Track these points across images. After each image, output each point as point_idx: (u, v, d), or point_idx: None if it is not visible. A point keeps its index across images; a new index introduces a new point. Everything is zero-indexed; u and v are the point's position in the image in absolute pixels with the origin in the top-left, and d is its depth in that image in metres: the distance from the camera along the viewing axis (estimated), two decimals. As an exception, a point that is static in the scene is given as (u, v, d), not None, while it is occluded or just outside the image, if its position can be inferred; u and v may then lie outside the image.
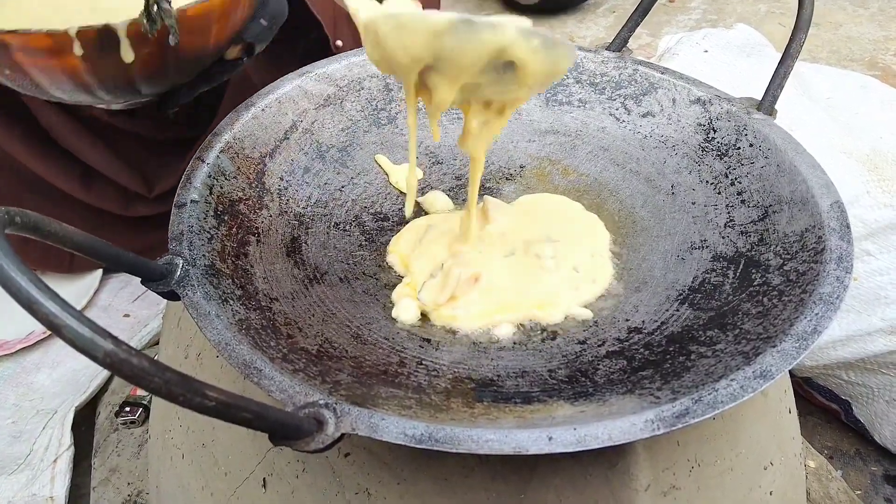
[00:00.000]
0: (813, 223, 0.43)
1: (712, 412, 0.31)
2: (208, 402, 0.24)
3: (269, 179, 0.51)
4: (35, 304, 0.22)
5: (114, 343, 0.22)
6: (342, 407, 0.30)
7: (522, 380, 0.39)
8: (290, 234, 0.49)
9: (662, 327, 0.43)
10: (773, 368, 0.33)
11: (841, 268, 0.39)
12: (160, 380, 0.23)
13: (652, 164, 0.56)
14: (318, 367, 0.37)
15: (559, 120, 0.61)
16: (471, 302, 0.45)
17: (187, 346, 0.54)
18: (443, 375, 0.39)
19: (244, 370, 0.33)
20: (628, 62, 0.60)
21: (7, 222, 0.26)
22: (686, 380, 0.35)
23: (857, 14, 1.87)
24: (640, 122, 0.58)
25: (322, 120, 0.57)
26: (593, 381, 0.39)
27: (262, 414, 0.26)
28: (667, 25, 1.89)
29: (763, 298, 0.41)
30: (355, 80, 0.59)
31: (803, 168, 0.47)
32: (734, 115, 0.53)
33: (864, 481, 0.84)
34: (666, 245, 0.50)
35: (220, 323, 0.36)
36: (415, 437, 0.30)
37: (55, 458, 0.72)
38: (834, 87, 0.88)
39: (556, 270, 0.47)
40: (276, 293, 0.43)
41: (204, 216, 0.44)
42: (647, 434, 0.30)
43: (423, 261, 0.48)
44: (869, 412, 0.83)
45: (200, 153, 0.47)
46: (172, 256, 0.39)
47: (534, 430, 0.30)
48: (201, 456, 0.48)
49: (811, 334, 0.35)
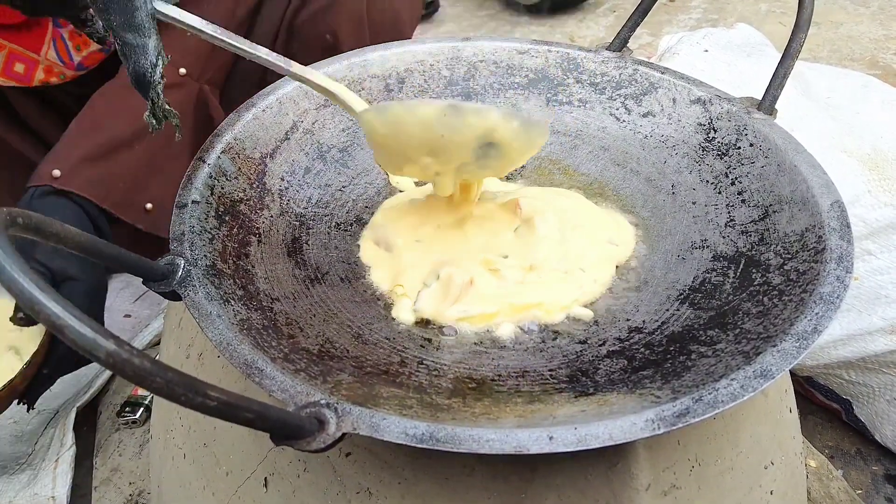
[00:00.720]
0: (813, 223, 0.43)
1: (713, 412, 0.31)
2: (210, 402, 0.24)
3: (270, 180, 0.51)
4: (38, 305, 0.22)
5: (116, 343, 0.22)
6: (343, 407, 0.31)
7: (523, 379, 0.39)
8: (291, 234, 0.50)
9: (663, 327, 0.43)
10: (773, 368, 0.33)
11: (841, 267, 0.39)
12: (162, 380, 0.23)
13: (652, 163, 0.56)
14: (319, 366, 0.37)
15: (560, 120, 0.61)
16: (474, 302, 0.45)
17: (189, 346, 0.54)
18: (444, 375, 0.40)
19: (246, 370, 0.33)
20: (628, 62, 0.60)
21: (9, 223, 0.26)
22: (686, 379, 0.36)
23: (857, 13, 1.87)
24: (640, 122, 0.58)
25: (323, 120, 0.57)
26: (594, 380, 0.39)
27: (264, 414, 0.26)
28: (667, 25, 1.89)
29: (763, 298, 0.41)
30: (356, 80, 0.59)
31: (803, 168, 0.47)
32: (734, 115, 0.53)
33: (865, 481, 0.84)
34: (666, 244, 0.50)
35: (222, 323, 0.36)
36: (416, 437, 0.30)
37: (57, 457, 0.72)
38: (834, 87, 0.88)
39: (562, 272, 0.48)
40: (277, 293, 0.43)
41: (205, 217, 0.44)
42: (648, 433, 0.30)
43: (413, 272, 0.47)
44: (870, 411, 0.83)
45: (201, 154, 0.48)
46: (174, 257, 0.39)
47: (534, 429, 0.30)
48: (203, 455, 0.48)
49: (811, 334, 0.35)
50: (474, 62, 0.62)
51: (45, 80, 0.77)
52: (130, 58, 0.43)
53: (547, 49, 0.61)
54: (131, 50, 0.43)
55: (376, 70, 0.60)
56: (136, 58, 0.43)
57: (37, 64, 0.75)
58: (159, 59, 0.44)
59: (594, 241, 0.50)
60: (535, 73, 0.62)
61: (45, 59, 0.75)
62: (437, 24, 1.96)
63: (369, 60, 0.60)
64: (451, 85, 0.61)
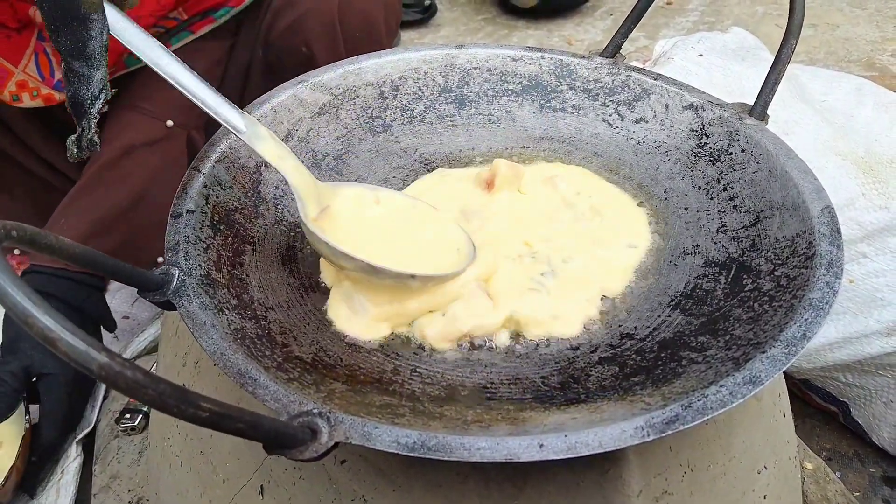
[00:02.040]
0: (804, 228, 0.43)
1: (702, 418, 0.32)
2: (202, 413, 0.24)
3: (264, 188, 0.52)
4: (31, 319, 0.22)
5: (108, 356, 0.22)
6: (336, 416, 0.31)
7: (515, 387, 0.40)
8: (285, 242, 0.50)
9: (654, 333, 0.43)
10: (762, 374, 0.34)
11: (831, 273, 0.39)
12: (154, 391, 0.23)
13: (645, 169, 0.56)
14: (312, 375, 0.37)
15: (553, 126, 0.61)
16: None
17: (185, 355, 0.54)
18: (436, 383, 0.40)
19: (239, 380, 0.33)
20: (621, 68, 0.60)
21: (3, 236, 0.26)
22: (677, 386, 0.36)
23: (854, 15, 1.87)
24: (633, 128, 0.59)
25: (317, 128, 0.57)
26: (585, 387, 0.39)
27: (256, 424, 0.26)
28: (664, 28, 1.89)
29: (754, 304, 0.41)
30: (350, 88, 0.59)
31: (794, 173, 0.47)
32: (726, 121, 0.54)
33: (863, 483, 0.84)
34: (659, 250, 0.50)
35: (216, 333, 0.36)
36: (407, 446, 0.30)
37: (62, 470, 0.72)
38: (829, 90, 0.89)
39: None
40: (271, 302, 0.44)
41: (200, 226, 0.44)
42: (637, 441, 0.31)
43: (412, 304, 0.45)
44: (867, 414, 0.83)
45: (196, 163, 0.48)
46: (168, 266, 0.40)
47: (525, 437, 0.30)
48: (199, 463, 0.49)
49: (800, 340, 0.35)
50: (468, 69, 0.62)
51: (16, 94, 0.74)
52: (73, 84, 0.42)
53: (540, 56, 0.62)
54: (76, 77, 0.41)
55: (370, 78, 0.60)
56: (79, 86, 0.42)
57: (10, 75, 0.72)
58: (102, 93, 0.43)
59: (617, 243, 0.50)
60: (529, 79, 0.62)
61: (23, 73, 0.73)
62: (435, 28, 1.97)
63: (363, 68, 0.60)
64: (446, 92, 0.62)
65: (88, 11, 0.39)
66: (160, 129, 0.78)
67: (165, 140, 0.78)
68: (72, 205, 0.75)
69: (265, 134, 0.46)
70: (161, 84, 0.44)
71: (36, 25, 0.71)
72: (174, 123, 0.79)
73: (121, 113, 0.78)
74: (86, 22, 0.39)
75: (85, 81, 0.41)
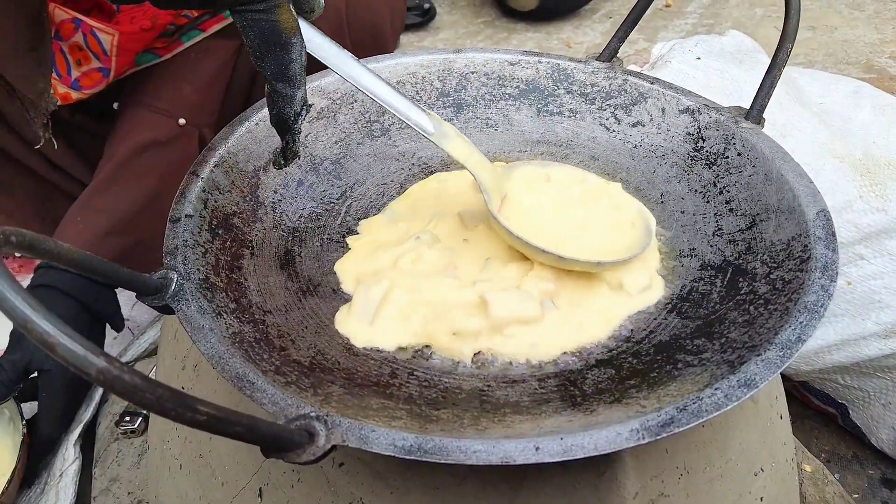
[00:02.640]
0: (799, 231, 0.44)
1: (696, 421, 0.32)
2: (199, 417, 0.24)
3: (263, 193, 0.52)
4: (29, 324, 0.23)
5: (106, 360, 0.23)
6: (333, 419, 0.31)
7: (512, 389, 0.40)
8: (283, 246, 0.50)
9: (651, 336, 0.43)
10: (757, 377, 0.34)
11: (826, 276, 0.40)
12: (152, 396, 0.23)
13: (642, 173, 0.57)
14: (310, 379, 0.37)
15: (550, 130, 0.61)
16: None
17: (184, 358, 0.54)
18: (433, 386, 0.40)
19: (237, 383, 0.34)
20: (618, 72, 0.61)
21: (2, 242, 0.27)
22: (672, 389, 0.36)
23: (852, 17, 1.88)
24: (629, 132, 0.59)
25: (315, 132, 0.58)
26: (582, 390, 0.39)
27: (253, 427, 0.26)
28: (663, 30, 1.90)
29: (749, 307, 0.41)
30: (348, 92, 0.59)
31: (790, 177, 0.47)
32: (722, 125, 0.54)
33: (862, 485, 0.84)
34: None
35: (214, 336, 0.36)
36: (404, 449, 0.30)
37: (61, 472, 0.73)
38: (827, 92, 0.89)
39: None
40: (269, 306, 0.44)
41: (198, 230, 0.44)
42: (632, 443, 0.31)
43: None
44: (865, 416, 0.84)
45: (195, 168, 0.48)
46: (167, 271, 0.40)
47: (521, 440, 0.31)
48: (198, 466, 0.49)
49: (795, 343, 0.36)
50: (465, 73, 0.62)
51: None
52: (277, 104, 0.44)
53: (537, 60, 0.62)
54: (280, 98, 0.43)
55: (369, 82, 0.60)
56: (283, 105, 0.44)
57: None
58: (303, 109, 0.45)
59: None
60: (526, 83, 0.62)
61: None
62: (434, 31, 1.97)
63: (362, 73, 0.60)
64: (443, 96, 0.62)
65: (289, 37, 0.41)
66: (173, 127, 0.79)
67: (178, 139, 0.79)
68: (88, 203, 0.75)
69: (452, 133, 0.48)
70: (173, 82, 0.45)
71: (53, 24, 0.71)
72: (186, 122, 0.79)
73: (134, 111, 0.79)
74: (287, 46, 0.41)
75: (288, 101, 0.44)
